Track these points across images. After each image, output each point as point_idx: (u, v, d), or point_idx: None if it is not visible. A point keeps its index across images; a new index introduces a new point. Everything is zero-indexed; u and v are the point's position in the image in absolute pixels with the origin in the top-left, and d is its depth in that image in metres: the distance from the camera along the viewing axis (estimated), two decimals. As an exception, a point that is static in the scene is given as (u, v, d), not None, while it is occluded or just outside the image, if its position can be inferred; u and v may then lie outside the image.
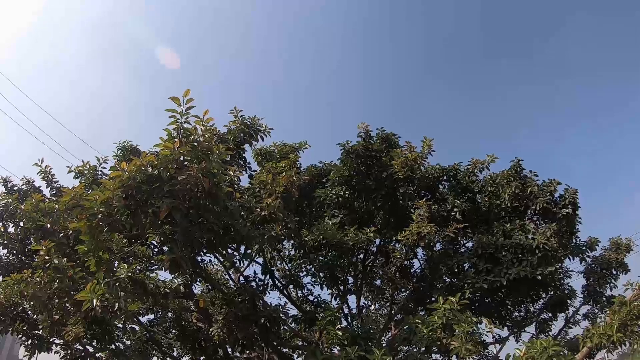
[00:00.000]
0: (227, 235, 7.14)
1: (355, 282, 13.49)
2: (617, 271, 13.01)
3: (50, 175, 12.12)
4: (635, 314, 7.26)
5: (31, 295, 6.97)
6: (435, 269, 11.59)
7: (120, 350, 12.79)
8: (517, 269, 10.24)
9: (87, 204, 6.06)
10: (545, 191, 11.63)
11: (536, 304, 14.02)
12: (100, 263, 6.68)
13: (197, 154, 6.49)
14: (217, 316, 8.82)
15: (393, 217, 11.98)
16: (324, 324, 7.87)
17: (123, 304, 6.47)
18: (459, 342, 7.15)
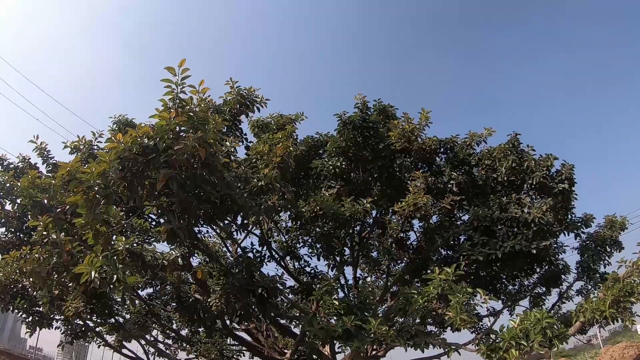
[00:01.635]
0: (224, 206, 7.16)
1: (352, 253, 13.57)
2: (611, 248, 13.11)
3: (46, 151, 12.04)
4: (628, 290, 7.37)
5: (30, 272, 6.98)
6: (431, 240, 11.64)
7: (120, 323, 12.93)
8: (513, 242, 10.29)
9: (84, 176, 6.05)
10: (542, 166, 11.64)
11: (530, 278, 14.16)
12: (97, 236, 6.70)
13: (193, 124, 6.45)
14: (215, 287, 8.89)
15: (389, 188, 11.96)
16: (320, 294, 7.95)
17: (121, 276, 6.49)
18: (454, 312, 7.26)
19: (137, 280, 11.49)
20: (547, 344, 6.64)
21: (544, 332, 6.68)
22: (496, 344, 7.22)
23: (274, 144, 8.74)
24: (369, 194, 11.43)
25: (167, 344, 17.00)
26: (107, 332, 13.66)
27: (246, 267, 8.67)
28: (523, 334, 6.82)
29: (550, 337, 6.62)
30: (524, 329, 6.82)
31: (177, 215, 6.77)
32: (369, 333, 7.20)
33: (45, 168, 12.03)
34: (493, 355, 7.25)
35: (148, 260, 8.46)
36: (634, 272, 7.68)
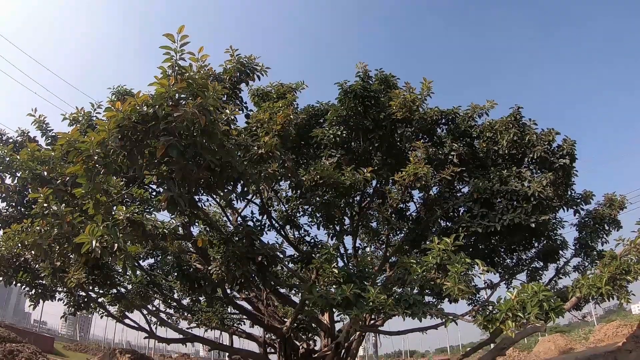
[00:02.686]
0: (224, 174, 7.13)
1: (352, 223, 13.62)
2: (609, 227, 13.24)
3: (45, 124, 11.96)
4: (625, 269, 7.40)
5: (31, 244, 7.00)
6: (431, 211, 11.67)
7: (122, 294, 13.06)
8: (512, 215, 10.35)
9: (83, 146, 6.00)
10: (543, 140, 11.62)
11: (528, 253, 14.30)
12: (98, 205, 6.70)
13: (193, 91, 6.38)
14: (216, 255, 8.94)
15: (390, 158, 11.94)
16: (320, 262, 7.97)
17: (122, 245, 6.51)
18: (452, 282, 7.30)
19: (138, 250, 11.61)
20: (543, 316, 6.69)
21: (541, 305, 6.72)
22: (493, 315, 7.28)
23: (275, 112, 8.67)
24: (369, 163, 11.39)
25: (168, 313, 17.21)
26: (109, 303, 13.78)
27: (246, 235, 8.68)
28: (520, 306, 6.87)
29: (546, 310, 6.66)
30: (521, 301, 6.86)
31: (177, 183, 6.75)
32: (368, 301, 7.26)
33: (45, 141, 11.97)
34: (489, 326, 7.33)
35: (149, 229, 8.47)
36: (632, 250, 7.71)
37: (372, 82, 11.87)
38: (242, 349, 16.77)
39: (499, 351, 12.18)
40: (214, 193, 9.36)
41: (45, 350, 17.14)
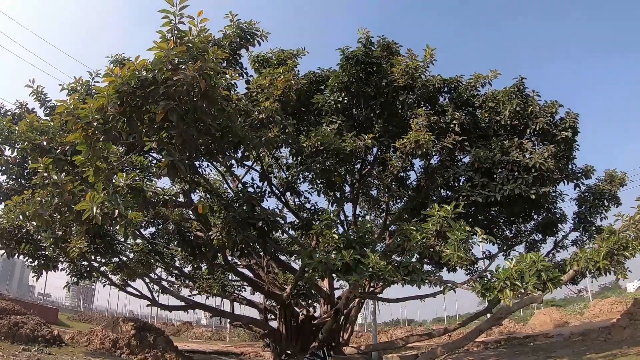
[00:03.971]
0: (225, 138, 7.10)
1: (352, 190, 13.61)
2: (609, 203, 13.26)
3: (43, 94, 11.86)
4: (623, 244, 7.38)
5: (32, 215, 6.99)
6: (431, 180, 11.65)
7: (124, 262, 13.17)
8: (512, 185, 10.32)
9: (82, 112, 5.95)
10: (546, 112, 11.54)
11: (527, 224, 14.36)
12: (97, 173, 6.67)
13: (192, 55, 6.29)
14: (216, 221, 8.96)
15: (391, 125, 11.86)
16: (320, 228, 7.99)
17: (122, 211, 6.51)
18: (452, 249, 7.30)
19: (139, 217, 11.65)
20: (541, 286, 6.71)
21: (539, 275, 6.74)
22: (491, 284, 7.31)
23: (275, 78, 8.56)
24: (370, 130, 11.27)
25: (170, 281, 17.44)
26: (111, 272, 13.93)
27: (247, 201, 8.69)
28: (518, 275, 6.88)
29: (544, 280, 6.69)
30: (519, 270, 6.88)
31: (177, 148, 6.71)
32: (368, 267, 7.30)
33: (44, 112, 11.91)
34: (487, 294, 7.36)
35: (149, 196, 8.46)
36: (631, 226, 7.69)
37: (374, 49, 11.69)
38: (243, 315, 17.05)
39: (495, 321, 12.37)
40: (214, 159, 9.33)
41: (50, 322, 17.34)
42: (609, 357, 10.54)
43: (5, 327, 13.06)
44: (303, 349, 13.01)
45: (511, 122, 11.70)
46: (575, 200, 13.68)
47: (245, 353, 20.59)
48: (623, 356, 10.19)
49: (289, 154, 11.53)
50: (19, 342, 12.81)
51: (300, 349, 13.04)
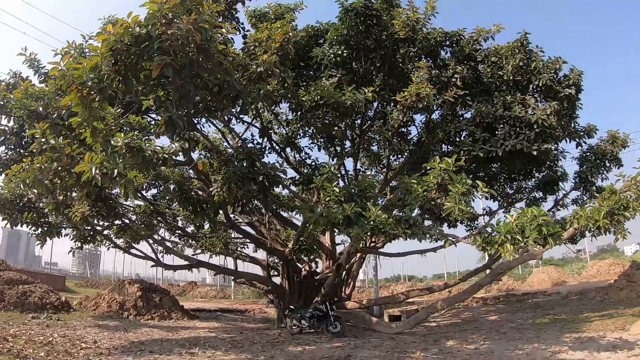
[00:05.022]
0: (223, 93, 6.98)
1: (352, 145, 13.57)
2: (610, 163, 13.24)
3: (37, 61, 11.63)
4: (624, 204, 7.32)
5: (32, 181, 6.93)
6: (433, 134, 11.57)
7: (127, 224, 13.24)
8: (514, 141, 10.28)
9: (76, 73, 5.82)
10: (549, 68, 11.36)
11: (528, 182, 14.37)
12: (95, 133, 6.58)
13: (187, 8, 6.10)
14: (217, 177, 8.93)
15: (392, 78, 11.67)
16: (321, 182, 7.96)
17: (122, 170, 6.46)
18: (453, 202, 7.28)
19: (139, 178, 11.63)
20: (541, 241, 6.68)
21: (540, 230, 6.70)
22: (492, 238, 7.30)
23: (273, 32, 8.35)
24: (370, 84, 11.08)
25: (173, 242, 17.62)
26: (115, 235, 14.03)
27: (247, 156, 8.64)
28: (519, 229, 6.85)
29: (545, 235, 6.65)
30: (520, 225, 6.84)
31: (175, 104, 6.61)
32: (369, 220, 7.30)
33: (38, 79, 11.73)
34: (488, 248, 7.36)
35: (148, 155, 8.37)
36: (632, 187, 7.63)
37: (374, 1, 11.39)
38: (246, 272, 17.29)
39: (495, 276, 12.52)
40: (212, 116, 9.22)
41: (58, 289, 17.69)
42: (605, 317, 10.73)
43: (13, 297, 13.35)
44: (306, 304, 13.28)
45: (514, 78, 11.53)
46: (576, 160, 13.67)
47: (250, 310, 21.09)
48: (619, 316, 10.38)
49: (289, 109, 11.42)
50: (28, 310, 13.12)
51: (303, 304, 13.29)
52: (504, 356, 7.95)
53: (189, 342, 10.38)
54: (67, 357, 7.57)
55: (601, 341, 8.10)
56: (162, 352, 9.03)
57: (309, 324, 11.94)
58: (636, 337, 7.87)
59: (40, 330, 10.17)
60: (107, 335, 10.76)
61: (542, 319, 12.14)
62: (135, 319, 14.63)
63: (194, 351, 9.22)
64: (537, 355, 7.72)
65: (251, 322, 16.42)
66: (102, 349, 8.88)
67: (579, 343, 8.21)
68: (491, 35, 12.21)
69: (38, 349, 7.81)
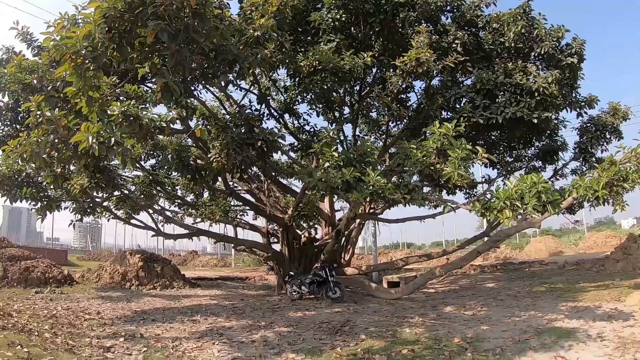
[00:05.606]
0: (219, 57, 6.87)
1: (351, 112, 13.49)
2: (610, 135, 13.25)
3: (29, 35, 11.39)
4: (623, 175, 7.26)
5: (30, 155, 6.86)
6: (432, 100, 11.47)
7: (126, 195, 13.25)
8: (514, 108, 10.22)
9: (69, 42, 5.69)
10: (552, 36, 11.24)
11: (528, 150, 14.36)
12: (90, 102, 6.49)
13: (181, -28, 5.93)
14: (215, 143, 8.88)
15: (391, 43, 11.53)
16: (320, 147, 7.91)
17: (119, 138, 6.40)
18: (452, 167, 7.23)
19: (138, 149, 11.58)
20: (540, 208, 6.65)
21: (539, 196, 6.65)
22: (491, 203, 7.28)
23: (269, -4, 8.15)
24: (369, 48, 10.96)
25: (173, 211, 17.67)
26: (115, 207, 14.06)
27: (245, 121, 8.57)
28: (518, 195, 6.81)
29: (544, 202, 6.62)
30: (519, 191, 6.79)
31: (171, 70, 6.50)
32: (368, 185, 7.27)
33: (31, 52, 11.52)
34: (487, 213, 7.32)
35: (145, 122, 8.31)
36: (632, 158, 7.56)
37: (374, -36, 11.09)
38: (246, 239, 17.42)
39: (493, 243, 12.63)
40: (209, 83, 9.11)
41: (60, 263, 17.81)
42: (601, 287, 10.84)
43: (16, 273, 13.49)
44: (306, 270, 13.42)
45: (515, 45, 11.38)
46: (576, 130, 13.69)
47: (250, 277, 21.33)
48: (615, 287, 10.47)
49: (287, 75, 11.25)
50: (31, 285, 13.28)
51: (302, 270, 13.43)
52: (501, 322, 8.06)
53: (191, 310, 10.54)
54: (71, 329, 7.69)
55: (597, 311, 8.20)
56: (165, 320, 9.19)
57: (308, 290, 12.11)
58: (631, 309, 7.94)
59: (44, 305, 10.34)
60: (110, 306, 10.94)
61: (539, 288, 12.30)
62: (138, 289, 14.81)
63: (196, 318, 9.37)
64: (533, 322, 7.83)
65: (252, 289, 16.62)
66: (105, 319, 9.03)
67: (575, 312, 8.32)
68: (493, 1, 12.04)
69: (42, 323, 7.92)
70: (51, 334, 7.08)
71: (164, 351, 6.45)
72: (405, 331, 7.69)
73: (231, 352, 6.50)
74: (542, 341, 6.52)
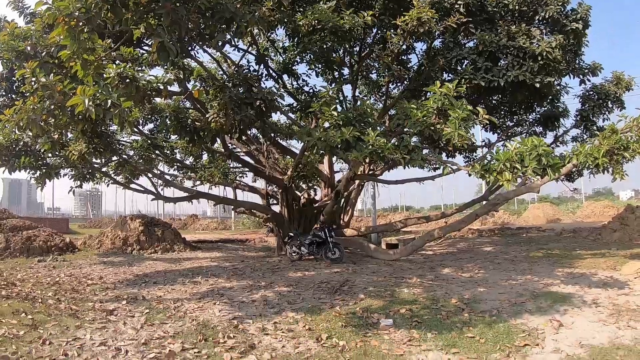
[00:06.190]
0: (216, 16, 6.70)
1: (351, 72, 13.32)
2: (612, 104, 13.15)
3: (21, 2, 11.09)
4: (624, 144, 7.17)
5: (26, 123, 6.76)
6: (433, 61, 11.29)
7: (125, 159, 13.20)
8: (517, 72, 10.07)
9: (62, 4, 5.53)
10: (557, 0, 11.00)
11: (529, 116, 14.26)
12: (86, 65, 6.36)
13: None
14: (213, 103, 8.76)
15: (392, 2, 11.18)
16: (319, 106, 7.78)
17: (116, 99, 6.30)
18: (453, 127, 7.14)
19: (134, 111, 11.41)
20: (540, 171, 6.59)
21: (539, 159, 6.57)
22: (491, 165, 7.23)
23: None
24: (370, 7, 10.72)
25: (173, 175, 17.69)
26: (114, 172, 14.03)
27: (243, 81, 8.44)
28: (518, 158, 6.74)
29: (544, 165, 6.55)
30: (520, 153, 6.71)
31: (167, 29, 6.35)
32: (367, 145, 7.20)
33: (24, 20, 11.28)
34: (487, 175, 7.26)
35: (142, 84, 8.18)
36: (633, 128, 7.47)
37: None
38: (246, 201, 17.49)
39: (492, 206, 12.68)
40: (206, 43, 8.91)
41: (62, 232, 17.92)
42: (597, 256, 10.97)
43: (18, 243, 13.58)
44: (305, 231, 13.51)
45: (519, 8, 11.19)
46: (579, 97, 13.58)
47: (250, 239, 21.58)
48: (611, 256, 10.60)
49: (286, 36, 11.02)
50: (34, 254, 13.40)
51: (302, 232, 13.52)
52: (497, 285, 8.18)
53: (192, 272, 10.66)
54: (74, 295, 7.79)
55: (592, 278, 8.31)
56: (166, 282, 9.31)
57: (308, 251, 12.25)
58: (627, 278, 8.06)
59: (47, 272, 10.44)
60: (112, 270, 11.05)
61: (536, 253, 12.45)
62: (139, 254, 14.95)
63: (197, 280, 9.48)
64: (529, 285, 7.95)
65: (252, 251, 16.78)
66: (107, 284, 9.14)
67: (571, 278, 8.44)
68: (496, -38, 11.60)
69: (46, 290, 8.03)
70: (55, 300, 7.20)
71: (165, 312, 6.56)
72: (404, 291, 7.81)
73: (232, 312, 6.61)
74: (538, 304, 6.64)
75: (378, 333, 5.52)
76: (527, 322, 5.78)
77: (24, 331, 5.20)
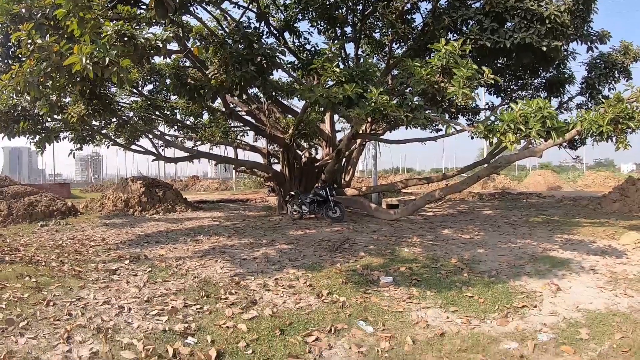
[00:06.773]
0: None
1: (354, 30, 13.05)
2: (619, 74, 12.91)
3: None
4: (629, 114, 7.04)
5: (23, 86, 6.63)
6: (439, 20, 11.00)
7: (125, 120, 13.08)
8: (524, 34, 9.78)
9: None
10: (567, -37, 10.57)
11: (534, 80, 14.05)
12: (82, 23, 6.20)
13: None
14: (213, 59, 8.60)
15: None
16: (321, 62, 7.62)
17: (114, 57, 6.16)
18: (457, 85, 7.00)
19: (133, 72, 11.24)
20: (544, 134, 6.50)
21: (544, 121, 6.47)
22: (494, 126, 7.13)
23: None
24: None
25: (173, 135, 17.60)
26: (114, 133, 13.93)
27: (244, 37, 8.24)
28: (522, 119, 6.64)
29: (548, 128, 6.46)
30: (524, 115, 6.60)
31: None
32: (370, 101, 7.11)
33: None
34: (490, 135, 7.17)
35: (140, 42, 8.00)
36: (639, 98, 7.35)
37: None
38: (247, 160, 17.46)
39: (493, 169, 12.62)
40: (206, 0, 8.68)
41: (63, 197, 17.95)
42: (596, 224, 10.97)
43: (21, 209, 13.60)
44: (306, 191, 13.53)
45: (528, -31, 10.75)
46: (585, 65, 13.32)
47: (251, 199, 21.73)
48: (610, 226, 10.61)
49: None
50: (36, 220, 13.45)
51: (303, 191, 13.56)
52: (497, 247, 8.25)
53: (193, 231, 10.73)
54: (78, 257, 7.86)
55: (591, 245, 8.34)
56: (168, 241, 9.39)
57: (309, 210, 12.32)
58: (625, 247, 8.08)
59: (49, 237, 10.51)
60: (115, 232, 11.12)
61: (536, 218, 12.51)
62: (141, 215, 15.04)
63: (199, 239, 9.56)
64: (528, 249, 8.01)
65: (253, 210, 16.86)
66: (110, 245, 9.21)
67: (570, 244, 8.48)
68: None
69: (49, 253, 8.11)
70: (58, 262, 7.28)
71: (168, 270, 6.63)
72: (404, 250, 7.88)
73: (233, 269, 6.68)
74: (537, 268, 6.71)
75: (378, 290, 5.60)
76: (526, 285, 5.84)
77: (28, 294, 5.28)
